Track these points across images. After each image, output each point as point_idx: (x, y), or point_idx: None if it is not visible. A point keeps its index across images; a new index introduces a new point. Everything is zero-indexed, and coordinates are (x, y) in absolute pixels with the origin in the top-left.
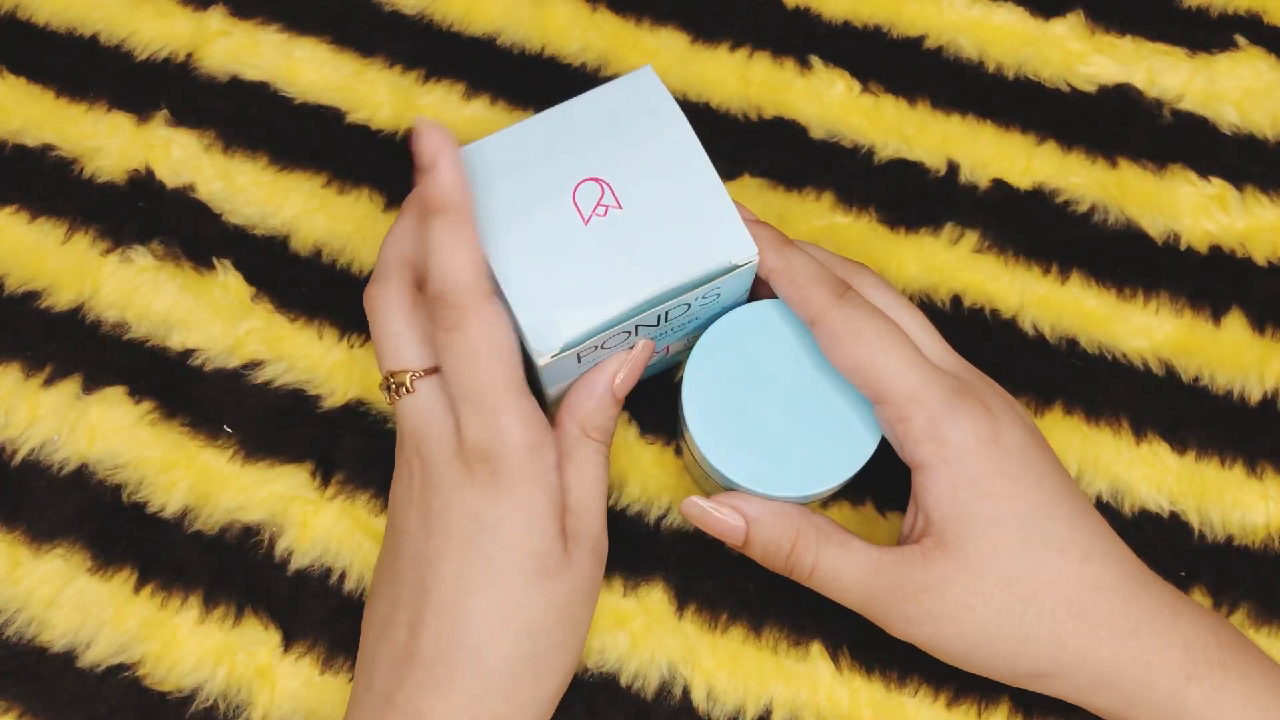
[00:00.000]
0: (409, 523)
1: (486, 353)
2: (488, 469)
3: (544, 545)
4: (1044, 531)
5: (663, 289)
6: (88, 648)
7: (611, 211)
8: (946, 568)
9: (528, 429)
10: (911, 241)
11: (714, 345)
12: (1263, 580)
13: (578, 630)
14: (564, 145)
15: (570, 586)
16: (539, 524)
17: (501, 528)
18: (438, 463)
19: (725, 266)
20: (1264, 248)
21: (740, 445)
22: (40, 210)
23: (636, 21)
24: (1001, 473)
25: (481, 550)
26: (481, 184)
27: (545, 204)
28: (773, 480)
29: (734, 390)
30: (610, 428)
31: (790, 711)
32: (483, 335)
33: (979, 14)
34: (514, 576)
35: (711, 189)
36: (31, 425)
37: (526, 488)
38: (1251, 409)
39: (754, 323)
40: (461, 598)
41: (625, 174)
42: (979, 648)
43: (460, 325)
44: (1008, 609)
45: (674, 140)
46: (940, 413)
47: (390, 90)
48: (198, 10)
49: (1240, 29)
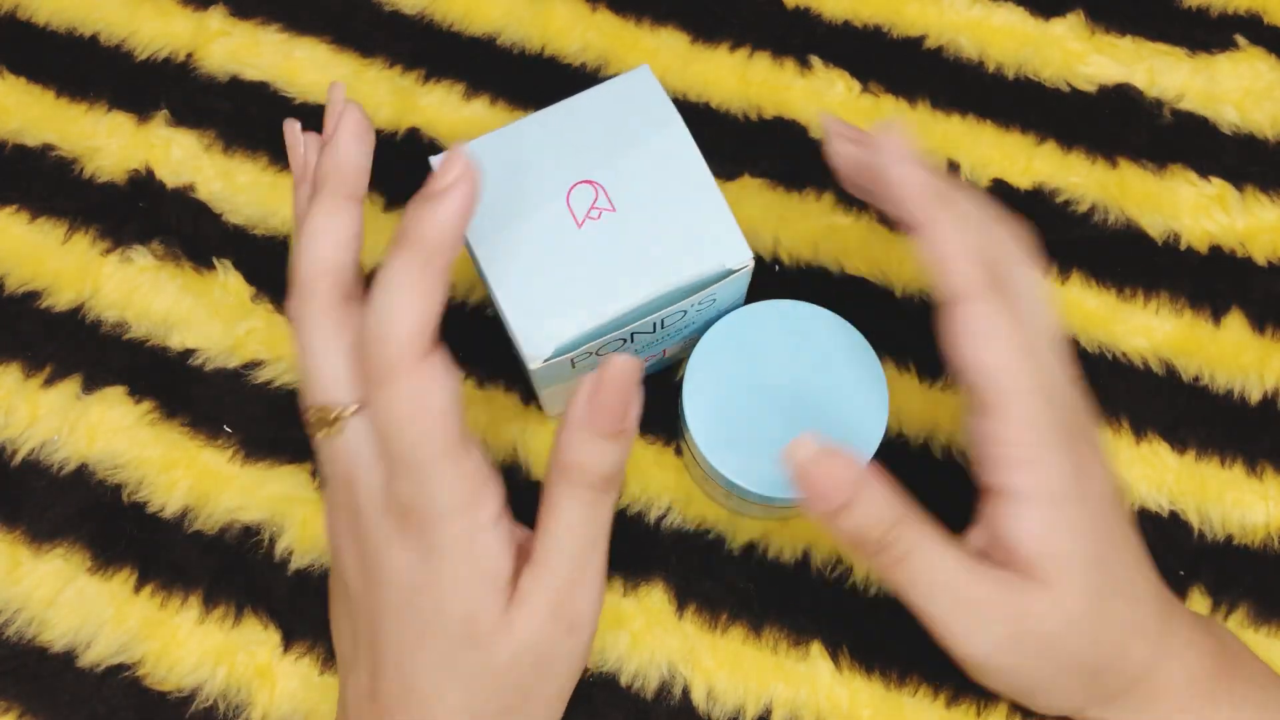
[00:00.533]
0: (348, 565)
1: (418, 416)
2: (416, 529)
3: (469, 610)
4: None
5: (656, 295)
6: (88, 648)
7: (605, 215)
8: (1040, 601)
9: (457, 491)
10: (911, 241)
11: (714, 345)
12: (1262, 580)
13: (531, 700)
14: (559, 146)
15: (509, 654)
16: (465, 590)
17: (430, 591)
18: (368, 514)
19: (720, 272)
20: (1264, 248)
21: (741, 446)
22: (40, 210)
23: (636, 21)
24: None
25: (416, 611)
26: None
27: (539, 206)
28: (774, 482)
29: (734, 390)
30: (599, 468)
31: (790, 711)
32: (415, 399)
33: (979, 14)
34: (447, 640)
35: (707, 192)
36: (31, 425)
37: (454, 551)
38: (1251, 409)
39: (754, 323)
40: (406, 655)
41: (620, 177)
42: (1044, 683)
43: (391, 384)
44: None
45: (669, 142)
46: (1049, 449)
47: (390, 90)
48: (198, 10)
49: (1240, 29)
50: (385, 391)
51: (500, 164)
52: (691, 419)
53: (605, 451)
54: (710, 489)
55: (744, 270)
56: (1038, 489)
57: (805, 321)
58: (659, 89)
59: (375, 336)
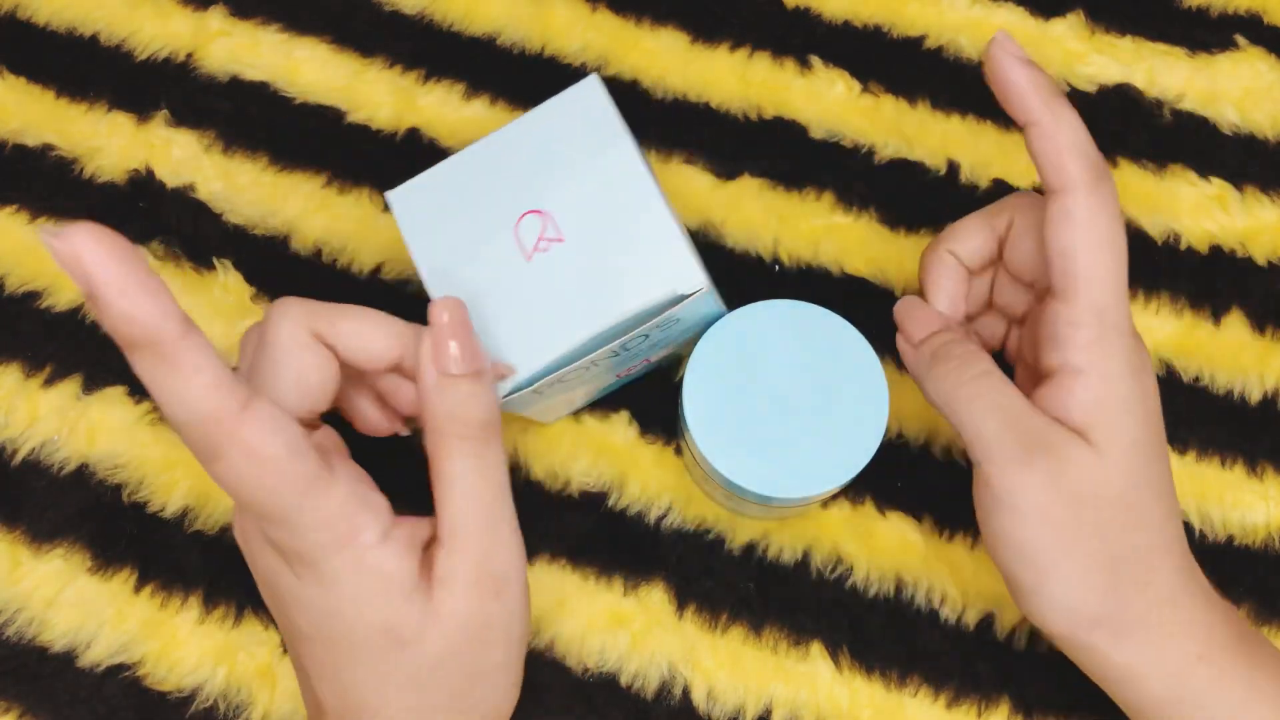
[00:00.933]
0: (264, 594)
1: (259, 476)
2: (304, 568)
3: (386, 621)
4: (1158, 470)
5: (609, 326)
6: (88, 648)
7: (554, 246)
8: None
9: (329, 529)
10: (911, 241)
11: (714, 345)
12: (1263, 580)
13: (483, 672)
14: (508, 174)
15: (444, 640)
16: (372, 606)
17: (338, 616)
18: (258, 550)
19: (673, 298)
20: (1264, 248)
21: (741, 446)
22: (40, 210)
23: (636, 21)
24: (1144, 404)
25: (334, 636)
26: (429, 221)
27: (488, 242)
28: (774, 481)
29: (734, 390)
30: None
31: (790, 711)
32: (245, 463)
33: (979, 14)
34: (374, 652)
35: (656, 215)
36: (32, 425)
37: (348, 578)
38: (1252, 409)
39: (754, 323)
40: (340, 673)
41: (568, 204)
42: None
43: (217, 460)
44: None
45: (617, 163)
46: (1114, 332)
47: (390, 90)
48: (198, 10)
49: (1240, 29)
50: (219, 466)
51: (454, 195)
52: (691, 419)
53: (473, 394)
54: (710, 489)
55: (697, 295)
56: (1095, 366)
57: (805, 321)
58: (607, 102)
59: (178, 428)
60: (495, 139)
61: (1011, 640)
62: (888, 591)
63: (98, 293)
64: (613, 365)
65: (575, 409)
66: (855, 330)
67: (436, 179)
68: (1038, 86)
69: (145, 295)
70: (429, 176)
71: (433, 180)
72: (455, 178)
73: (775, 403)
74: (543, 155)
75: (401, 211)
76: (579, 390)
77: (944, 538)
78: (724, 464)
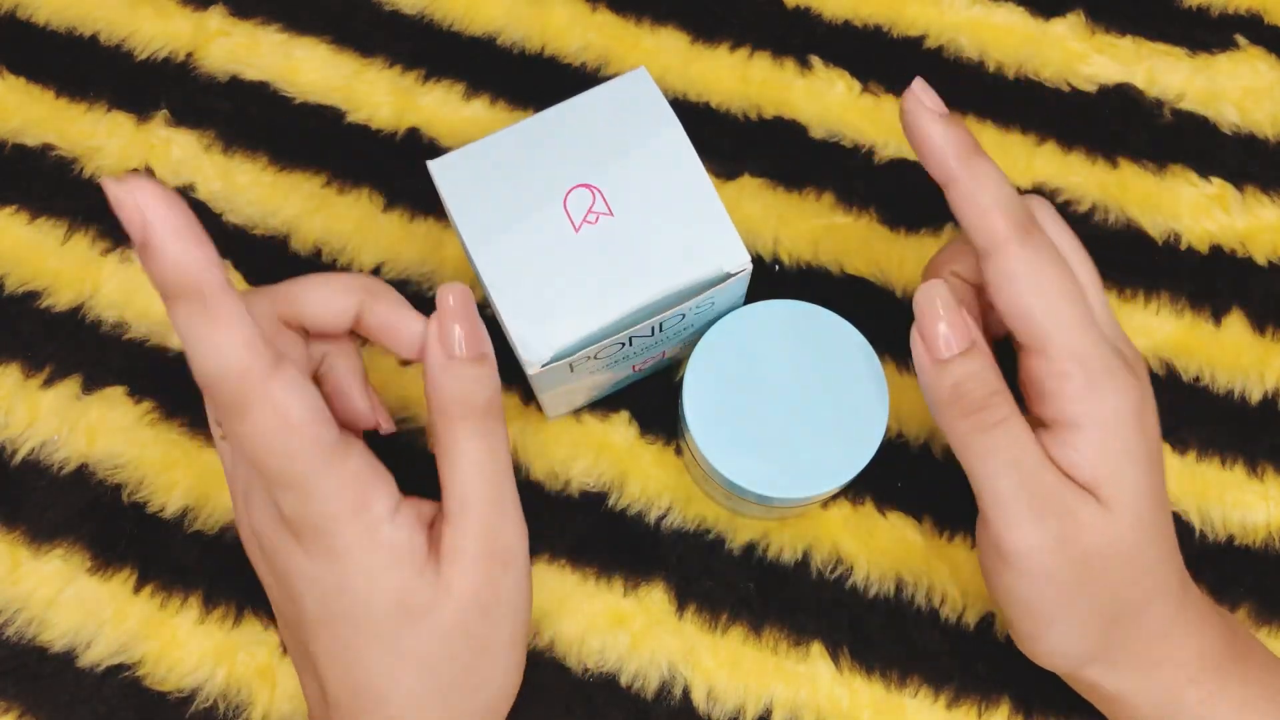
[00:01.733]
0: (266, 582)
1: (281, 435)
2: (315, 541)
3: (398, 594)
4: (1153, 516)
5: (654, 299)
6: (88, 648)
7: (603, 219)
8: (1096, 515)
9: (342, 498)
10: (911, 241)
11: (714, 345)
12: (1263, 580)
13: (490, 648)
14: (556, 150)
15: (455, 612)
16: (384, 579)
17: (349, 593)
18: (267, 529)
19: (718, 275)
20: (1264, 248)
21: (741, 446)
22: (40, 210)
23: (636, 21)
24: (1142, 450)
25: (340, 616)
26: (473, 190)
27: (536, 211)
28: (774, 482)
29: (734, 390)
30: (477, 395)
31: (790, 711)
32: (272, 420)
33: (979, 14)
34: (384, 627)
35: (705, 195)
36: (31, 425)
37: (360, 550)
38: (1252, 409)
39: (754, 323)
40: (347, 655)
41: (617, 180)
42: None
43: (244, 417)
44: (1118, 579)
45: (667, 145)
46: (1101, 376)
47: (390, 90)
48: (198, 10)
49: (1240, 29)
50: (244, 424)
51: (498, 168)
52: (691, 419)
53: (477, 377)
54: (710, 489)
55: (742, 274)
56: (1092, 417)
57: (805, 321)
58: (656, 91)
59: (209, 382)
60: (540, 118)
61: (1011, 640)
62: (888, 591)
63: (152, 239)
64: (641, 350)
65: (577, 407)
66: (855, 330)
67: (480, 151)
68: (954, 143)
69: (196, 244)
70: (472, 148)
71: (476, 151)
72: (499, 152)
73: (775, 403)
74: (591, 134)
75: (443, 180)
76: (599, 377)
77: (944, 538)
78: (724, 464)
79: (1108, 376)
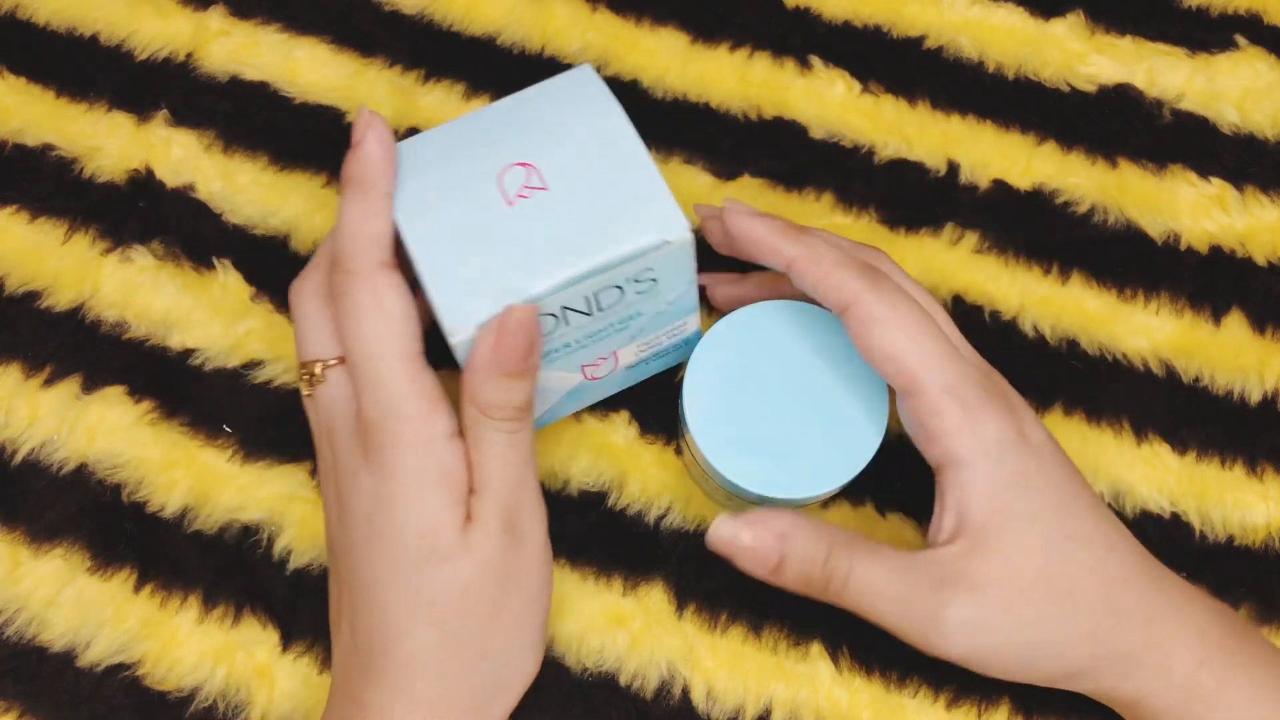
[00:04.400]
0: (330, 515)
1: (373, 317)
2: (378, 445)
3: (431, 522)
4: (1072, 526)
5: (586, 268)
6: (87, 647)
7: (538, 194)
8: (988, 569)
9: (413, 398)
10: (912, 242)
11: (715, 345)
12: (1263, 580)
13: (501, 616)
14: (496, 135)
15: (473, 569)
16: (425, 498)
17: (394, 507)
18: (342, 448)
19: (654, 244)
20: (1264, 248)
21: (741, 446)
22: (40, 210)
23: (636, 21)
24: (1034, 469)
25: (381, 535)
26: (411, 175)
27: (469, 188)
28: (774, 482)
29: (735, 391)
30: (510, 402)
31: (790, 711)
32: (370, 300)
33: (979, 14)
34: (410, 560)
35: (644, 170)
36: (31, 425)
37: (413, 460)
38: (1252, 409)
39: (754, 323)
40: (376, 589)
41: (555, 158)
42: (1021, 654)
43: (350, 291)
44: (1047, 609)
45: (607, 126)
46: (976, 407)
47: (390, 90)
48: (198, 10)
49: (1240, 29)
50: (346, 300)
51: (438, 154)
52: (692, 419)
53: (513, 389)
54: (710, 489)
55: (681, 245)
56: (976, 448)
57: (806, 322)
58: (600, 82)
59: (339, 256)
60: (486, 110)
61: None
62: None
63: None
64: (584, 337)
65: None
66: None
67: (419, 142)
68: (780, 228)
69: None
70: (411, 141)
71: (415, 143)
72: (445, 139)
73: (777, 403)
74: (534, 120)
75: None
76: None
77: None
78: (725, 465)
79: (983, 405)
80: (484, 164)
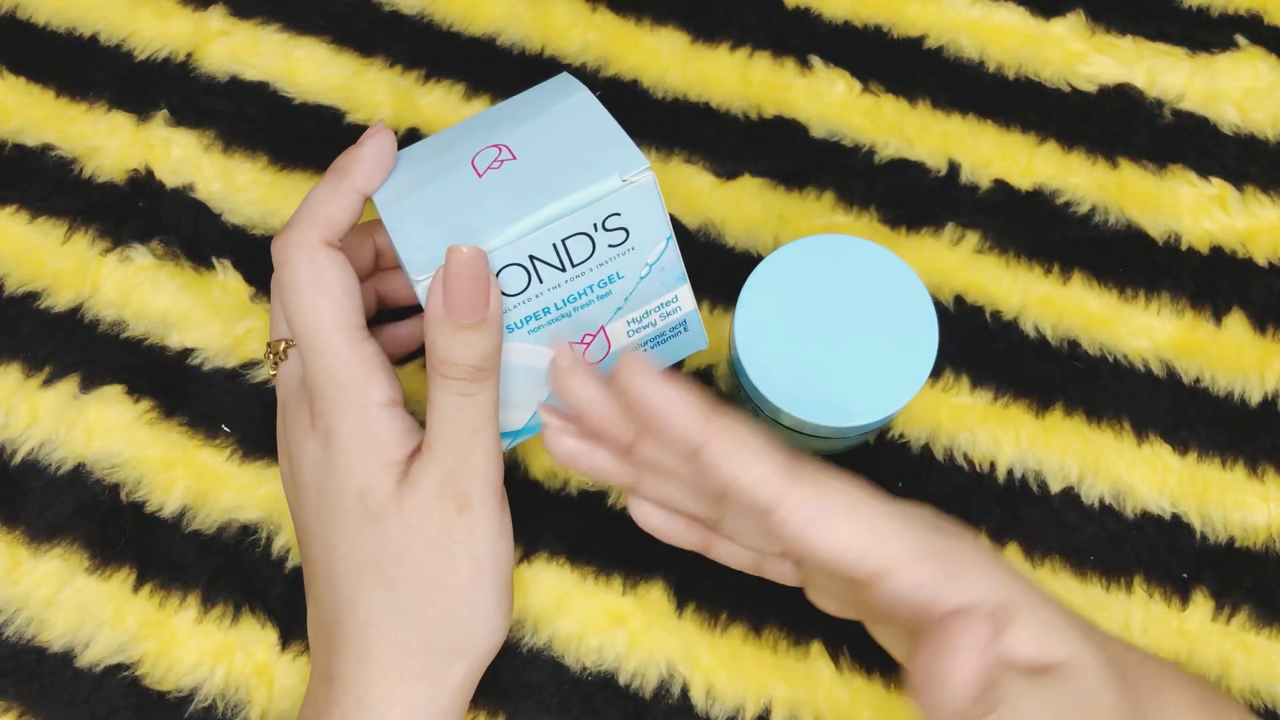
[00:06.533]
0: (288, 491)
1: (310, 288)
2: (320, 411)
3: (364, 483)
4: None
5: (546, 213)
6: (86, 647)
7: (507, 164)
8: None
9: (350, 366)
10: (912, 242)
11: (767, 278)
12: (1264, 582)
13: (446, 583)
14: (474, 131)
15: (404, 531)
16: (357, 463)
17: (336, 471)
18: (294, 422)
19: (614, 184)
20: (1264, 248)
21: (789, 376)
22: (40, 210)
23: (636, 21)
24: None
25: (325, 500)
26: (394, 174)
27: (444, 173)
28: (821, 410)
29: (786, 320)
30: (463, 359)
31: (790, 711)
32: (308, 271)
33: (979, 14)
34: (351, 521)
35: (608, 128)
36: (30, 425)
37: (351, 425)
38: (1252, 410)
39: (806, 256)
40: (327, 555)
41: (526, 136)
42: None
43: (290, 260)
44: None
45: (576, 104)
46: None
47: (390, 90)
48: (198, 10)
49: (1240, 29)
50: (284, 268)
51: (419, 157)
52: (742, 346)
53: (469, 343)
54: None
55: (642, 183)
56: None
57: (857, 255)
58: (578, 83)
59: (293, 220)
60: (467, 120)
61: None
62: None
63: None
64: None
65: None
66: (906, 265)
67: (409, 151)
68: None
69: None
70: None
71: (404, 153)
72: (424, 148)
73: (825, 334)
74: (507, 115)
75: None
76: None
77: None
78: (771, 391)
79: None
80: (460, 153)
